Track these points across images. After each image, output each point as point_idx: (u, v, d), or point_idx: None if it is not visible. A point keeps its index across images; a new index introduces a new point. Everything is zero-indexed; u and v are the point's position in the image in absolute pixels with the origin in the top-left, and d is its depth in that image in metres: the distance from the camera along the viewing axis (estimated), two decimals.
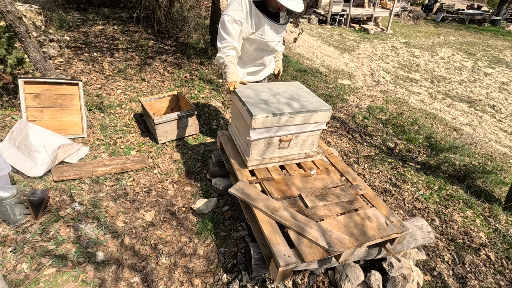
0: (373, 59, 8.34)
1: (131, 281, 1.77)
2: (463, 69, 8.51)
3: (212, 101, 3.99)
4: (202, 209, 2.29)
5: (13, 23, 2.57)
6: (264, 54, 2.31)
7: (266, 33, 2.09)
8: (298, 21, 4.86)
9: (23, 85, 2.61)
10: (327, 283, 1.93)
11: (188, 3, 5.77)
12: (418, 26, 13.84)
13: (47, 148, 2.36)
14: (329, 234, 1.54)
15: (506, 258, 2.33)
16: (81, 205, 2.16)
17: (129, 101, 3.65)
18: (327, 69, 6.69)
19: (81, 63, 4.13)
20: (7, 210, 1.86)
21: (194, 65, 4.89)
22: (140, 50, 4.96)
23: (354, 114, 4.51)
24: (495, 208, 2.79)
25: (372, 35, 11.04)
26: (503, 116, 5.82)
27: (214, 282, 1.85)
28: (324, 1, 11.46)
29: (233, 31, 1.97)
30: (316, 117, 1.94)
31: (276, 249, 1.46)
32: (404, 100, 5.68)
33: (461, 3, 18.17)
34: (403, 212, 2.69)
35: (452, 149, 3.74)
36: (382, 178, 3.12)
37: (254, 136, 1.85)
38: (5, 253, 1.75)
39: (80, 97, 2.86)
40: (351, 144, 3.68)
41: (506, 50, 11.19)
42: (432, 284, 2.06)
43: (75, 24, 5.29)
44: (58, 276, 1.69)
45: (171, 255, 1.98)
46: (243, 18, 1.97)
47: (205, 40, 5.74)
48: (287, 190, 1.85)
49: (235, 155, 2.16)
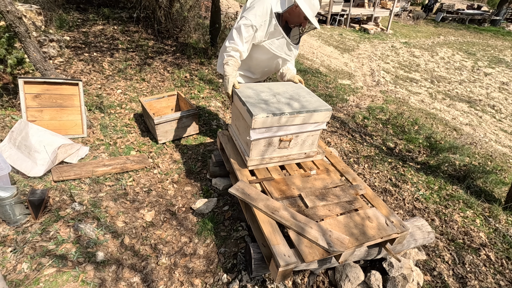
0: (373, 59, 8.34)
1: (131, 281, 1.77)
2: (463, 69, 8.51)
3: (212, 101, 3.99)
4: (202, 209, 2.29)
5: (13, 23, 2.57)
6: (262, 67, 2.29)
7: (276, 44, 2.09)
8: None
9: (23, 85, 2.61)
10: (327, 283, 1.93)
11: (188, 3, 5.77)
12: (418, 26, 13.84)
13: (47, 148, 2.36)
14: (329, 234, 1.54)
15: (506, 258, 2.33)
16: (81, 205, 2.16)
17: (129, 101, 3.65)
18: (327, 69, 6.69)
19: (81, 63, 4.13)
20: (7, 210, 1.86)
21: (194, 65, 4.89)
22: (140, 50, 4.96)
23: (354, 114, 4.51)
24: (495, 208, 2.79)
25: (372, 35, 11.04)
26: (503, 116, 5.82)
27: (214, 282, 1.85)
28: (324, 1, 11.45)
29: (246, 35, 1.96)
30: (316, 117, 1.94)
31: (276, 249, 1.46)
32: (404, 100, 5.68)
33: (461, 3, 18.16)
34: (403, 212, 2.69)
35: (452, 149, 3.74)
36: (382, 178, 3.12)
37: (254, 136, 1.85)
38: (5, 253, 1.75)
39: (80, 97, 2.86)
40: (351, 144, 3.68)
41: (506, 50, 11.19)
42: (432, 284, 2.06)
43: (75, 24, 5.29)
44: (58, 276, 1.69)
45: (171, 255, 1.98)
46: (261, 25, 1.96)
47: (205, 40, 5.74)
48: (287, 190, 1.85)
49: (235, 155, 2.16)
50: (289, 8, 1.97)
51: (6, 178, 2.04)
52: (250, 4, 2.00)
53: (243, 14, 1.98)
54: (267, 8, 1.94)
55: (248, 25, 1.93)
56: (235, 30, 1.97)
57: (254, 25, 1.93)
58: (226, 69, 2.02)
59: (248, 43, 2.02)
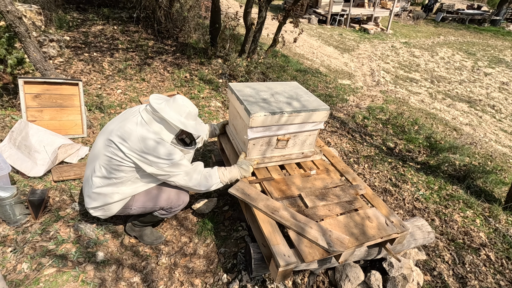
0: (373, 59, 8.34)
1: (131, 281, 1.77)
2: (463, 69, 8.51)
3: (212, 101, 3.99)
4: (202, 209, 2.29)
5: (13, 23, 2.57)
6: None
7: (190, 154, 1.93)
8: (298, 21, 4.86)
9: (23, 85, 2.61)
10: (327, 283, 1.93)
11: (188, 3, 5.77)
12: (418, 26, 13.84)
13: (47, 148, 2.36)
14: (329, 234, 1.54)
15: (506, 258, 2.33)
16: (81, 205, 2.16)
17: (129, 101, 3.65)
18: (327, 69, 6.69)
19: (81, 63, 4.13)
20: (7, 210, 1.86)
21: (194, 65, 4.89)
22: (140, 50, 4.96)
23: (354, 114, 4.51)
24: (495, 208, 2.79)
25: (372, 35, 11.04)
26: (503, 116, 5.82)
27: (214, 282, 1.85)
28: (324, 1, 11.46)
29: (179, 156, 1.71)
30: (314, 116, 1.94)
31: (276, 249, 1.46)
32: (404, 100, 5.68)
33: (461, 3, 18.16)
34: (403, 212, 2.69)
35: (452, 149, 3.74)
36: (382, 178, 3.12)
37: (252, 135, 1.85)
38: (5, 253, 1.75)
39: (80, 97, 2.86)
40: (351, 144, 3.68)
41: (506, 50, 11.19)
42: (432, 284, 2.06)
43: (75, 24, 5.30)
44: (58, 276, 1.69)
45: (171, 255, 1.98)
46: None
47: (205, 40, 5.74)
48: (287, 190, 1.85)
49: (234, 155, 2.16)
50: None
51: (6, 178, 2.04)
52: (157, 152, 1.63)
53: (163, 163, 1.65)
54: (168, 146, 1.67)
55: (178, 160, 1.68)
56: (174, 167, 1.68)
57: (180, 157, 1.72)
58: (228, 174, 1.86)
59: (185, 158, 1.78)
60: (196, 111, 1.78)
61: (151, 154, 1.60)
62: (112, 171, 1.64)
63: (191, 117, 1.73)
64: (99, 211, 1.77)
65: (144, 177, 1.74)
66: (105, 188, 1.68)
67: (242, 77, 4.61)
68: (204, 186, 1.80)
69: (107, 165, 1.64)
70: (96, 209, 1.77)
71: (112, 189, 1.68)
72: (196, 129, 1.75)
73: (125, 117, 1.70)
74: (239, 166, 1.91)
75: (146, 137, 1.60)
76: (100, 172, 1.66)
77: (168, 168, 1.66)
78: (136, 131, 1.59)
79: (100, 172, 1.66)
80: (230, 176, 1.87)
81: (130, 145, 1.58)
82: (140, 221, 1.93)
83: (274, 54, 5.69)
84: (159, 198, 1.80)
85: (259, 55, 5.08)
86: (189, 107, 1.71)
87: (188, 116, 1.71)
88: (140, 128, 1.61)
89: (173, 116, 1.65)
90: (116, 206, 1.75)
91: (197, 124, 1.82)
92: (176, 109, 1.67)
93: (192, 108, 1.73)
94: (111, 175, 1.65)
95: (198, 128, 1.79)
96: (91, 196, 1.72)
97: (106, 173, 1.65)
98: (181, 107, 1.68)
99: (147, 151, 1.59)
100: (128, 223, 2.00)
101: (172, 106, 1.67)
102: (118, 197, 1.71)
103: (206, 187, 1.81)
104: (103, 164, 1.65)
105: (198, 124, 1.84)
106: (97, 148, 1.70)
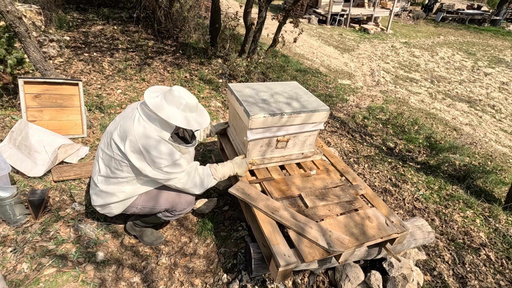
0: (373, 59, 8.34)
1: (131, 281, 1.77)
2: (463, 69, 8.51)
3: (212, 101, 3.99)
4: (202, 209, 2.29)
5: (13, 23, 2.57)
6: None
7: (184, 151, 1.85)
8: (298, 21, 4.86)
9: (23, 85, 2.61)
10: (327, 283, 1.93)
11: (188, 3, 5.77)
12: (418, 26, 13.84)
13: (47, 148, 2.36)
14: (329, 234, 1.54)
15: (506, 258, 2.33)
16: (81, 205, 2.16)
17: (129, 101, 3.65)
18: (327, 69, 6.69)
19: (81, 63, 4.13)
20: (7, 210, 1.86)
21: (194, 65, 4.89)
22: (140, 50, 4.96)
23: (354, 114, 4.51)
24: (495, 208, 2.79)
25: (372, 35, 11.03)
26: (503, 116, 5.82)
27: (214, 282, 1.85)
28: (324, 1, 11.45)
29: (177, 156, 1.66)
30: (314, 117, 1.94)
31: (276, 249, 1.46)
32: (404, 100, 5.68)
33: (461, 3, 18.16)
34: (403, 212, 2.69)
35: (452, 149, 3.74)
36: (382, 178, 3.12)
37: (251, 137, 1.85)
38: (5, 253, 1.75)
39: (80, 97, 2.86)
40: (351, 144, 3.68)
41: (506, 50, 11.19)
42: (432, 284, 2.06)
43: (75, 24, 5.30)
44: (58, 276, 1.69)
45: (171, 255, 1.98)
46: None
47: (205, 40, 5.74)
48: (287, 190, 1.85)
49: (234, 155, 2.15)
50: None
51: (6, 178, 2.04)
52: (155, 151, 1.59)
53: (163, 164, 1.62)
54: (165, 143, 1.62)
55: (174, 160, 1.64)
56: (174, 167, 1.65)
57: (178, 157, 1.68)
58: (220, 169, 1.84)
59: (182, 157, 1.71)
60: (195, 101, 1.67)
61: (150, 153, 1.57)
62: (114, 170, 1.63)
63: (190, 109, 1.63)
64: (105, 209, 1.77)
65: (146, 177, 1.72)
66: (110, 187, 1.68)
67: (242, 77, 4.62)
68: (201, 187, 1.79)
69: (110, 164, 1.64)
70: (102, 207, 1.77)
71: (117, 188, 1.68)
72: (199, 122, 1.67)
73: (126, 114, 1.69)
74: (233, 161, 1.91)
75: (144, 135, 1.56)
76: (104, 171, 1.66)
77: (167, 169, 1.63)
78: (134, 129, 1.56)
79: (104, 171, 1.66)
80: (223, 170, 1.84)
81: (129, 144, 1.56)
82: (142, 221, 1.93)
83: (274, 54, 5.69)
84: (166, 199, 1.79)
85: (259, 55, 5.08)
86: (186, 99, 1.60)
87: (186, 108, 1.61)
88: (138, 126, 1.57)
89: (170, 113, 1.56)
90: (121, 204, 1.75)
91: (198, 115, 1.71)
92: (174, 102, 1.58)
93: (190, 99, 1.62)
94: (115, 174, 1.64)
95: (201, 122, 1.69)
96: (97, 194, 1.72)
97: (110, 172, 1.65)
98: (178, 99, 1.58)
99: (145, 150, 1.56)
100: (129, 222, 2.00)
101: (168, 99, 1.58)
102: (124, 196, 1.70)
103: (203, 188, 1.80)
104: (106, 163, 1.65)
105: (199, 116, 1.72)
106: (101, 147, 1.70)
